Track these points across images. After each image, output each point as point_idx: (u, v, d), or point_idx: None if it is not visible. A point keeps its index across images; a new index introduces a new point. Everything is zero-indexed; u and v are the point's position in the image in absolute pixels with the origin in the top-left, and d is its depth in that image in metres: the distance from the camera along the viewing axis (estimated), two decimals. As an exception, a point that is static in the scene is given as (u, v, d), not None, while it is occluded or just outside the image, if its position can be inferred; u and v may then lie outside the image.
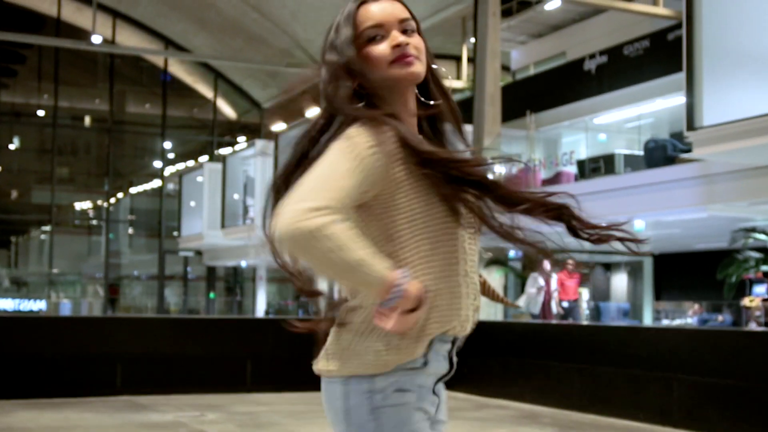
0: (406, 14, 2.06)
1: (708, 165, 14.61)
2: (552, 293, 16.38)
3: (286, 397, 10.17)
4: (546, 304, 16.20)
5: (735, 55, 13.10)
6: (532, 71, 30.95)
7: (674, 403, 8.11)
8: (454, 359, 2.07)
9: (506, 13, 29.51)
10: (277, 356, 10.58)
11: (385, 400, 1.93)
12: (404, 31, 2.05)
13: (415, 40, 2.05)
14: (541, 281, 15.92)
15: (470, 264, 2.05)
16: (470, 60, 25.73)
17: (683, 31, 13.10)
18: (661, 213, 16.33)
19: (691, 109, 12.89)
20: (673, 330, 10.71)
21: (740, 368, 7.62)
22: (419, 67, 2.06)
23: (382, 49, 2.04)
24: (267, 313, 33.88)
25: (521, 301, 16.32)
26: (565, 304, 16.76)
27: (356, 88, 2.00)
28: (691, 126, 12.90)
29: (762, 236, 15.99)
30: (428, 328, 1.94)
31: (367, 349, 1.95)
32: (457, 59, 34.15)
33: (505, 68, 33.56)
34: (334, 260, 1.79)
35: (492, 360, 10.57)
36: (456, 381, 8.49)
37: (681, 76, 13.59)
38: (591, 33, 28.27)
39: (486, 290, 7.56)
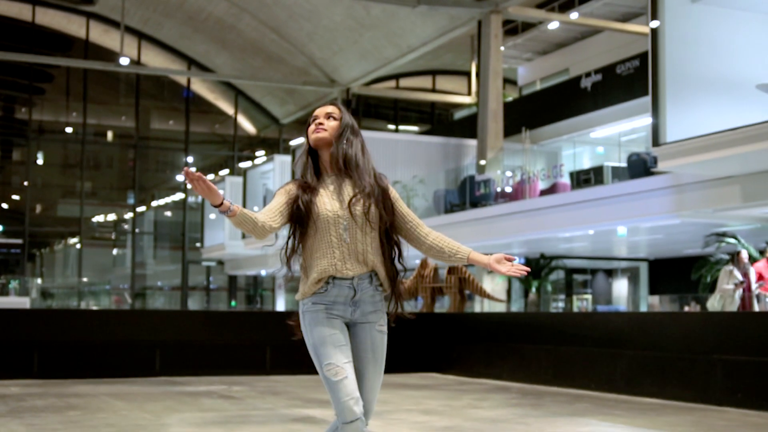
0: (330, 110, 3.88)
1: (678, 176, 16.27)
2: (754, 289, 14.51)
3: (300, 378, 11.86)
4: (747, 300, 14.46)
5: (696, 78, 14.82)
6: (538, 86, 32.30)
7: (618, 373, 9.80)
8: (358, 287, 3.80)
9: (512, 32, 31.07)
10: (293, 343, 12.23)
11: (305, 309, 3.81)
12: (328, 118, 3.86)
13: (331, 123, 3.84)
14: (738, 275, 14.26)
15: (348, 246, 3.80)
16: (478, 76, 27.22)
17: (649, 59, 14.79)
18: (640, 220, 17.96)
19: (656, 128, 14.61)
20: (616, 314, 12.33)
21: (666, 343, 9.30)
22: (322, 134, 3.84)
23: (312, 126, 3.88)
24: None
25: (714, 300, 14.62)
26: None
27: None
28: (656, 142, 14.62)
29: (732, 240, 17.60)
30: (312, 277, 3.79)
31: (299, 290, 3.82)
32: (468, 75, 35.71)
33: (513, 83, 35.18)
34: None
35: (476, 346, 12.29)
36: (446, 365, 10.65)
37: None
38: (592, 51, 29.61)
39: (474, 287, 10.39)
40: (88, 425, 7.17)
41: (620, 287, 30.40)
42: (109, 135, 41.93)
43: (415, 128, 41.37)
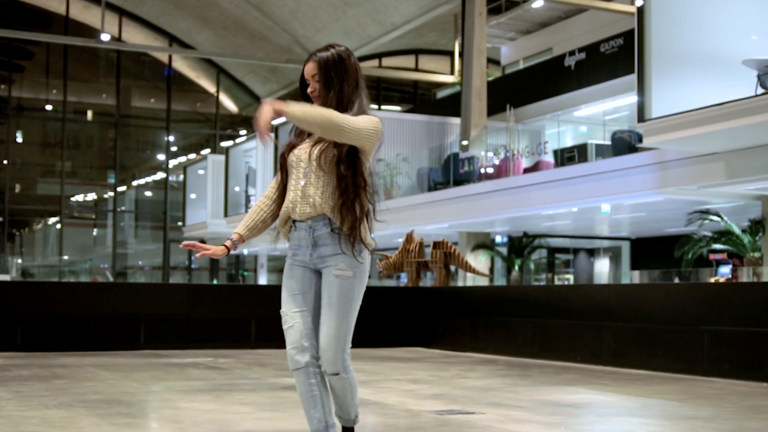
0: (312, 72, 3.96)
1: (662, 153, 16.30)
2: None
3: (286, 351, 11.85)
4: None
5: (682, 55, 14.82)
6: (521, 66, 32.22)
7: (604, 345, 9.83)
8: (313, 228, 3.96)
9: (495, 11, 30.94)
10: (278, 317, 12.24)
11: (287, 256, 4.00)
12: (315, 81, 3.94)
13: (315, 84, 3.95)
14: None
15: (302, 189, 3.94)
16: (461, 55, 27.15)
17: (635, 36, 14.77)
18: (623, 197, 17.99)
19: (642, 105, 14.61)
20: (602, 286, 12.37)
21: (651, 314, 9.33)
22: (317, 102, 3.95)
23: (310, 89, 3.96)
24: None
25: None
26: None
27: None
28: (641, 118, 14.63)
29: (716, 218, 17.65)
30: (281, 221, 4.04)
31: None
32: (451, 55, 35.65)
33: (497, 63, 35.12)
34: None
35: (461, 320, 12.30)
36: (431, 339, 10.62)
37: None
38: (575, 30, 29.54)
39: (459, 262, 10.52)
40: (74, 392, 7.12)
41: (602, 266, 30.51)
42: (90, 113, 41.71)
43: (397, 108, 41.33)
